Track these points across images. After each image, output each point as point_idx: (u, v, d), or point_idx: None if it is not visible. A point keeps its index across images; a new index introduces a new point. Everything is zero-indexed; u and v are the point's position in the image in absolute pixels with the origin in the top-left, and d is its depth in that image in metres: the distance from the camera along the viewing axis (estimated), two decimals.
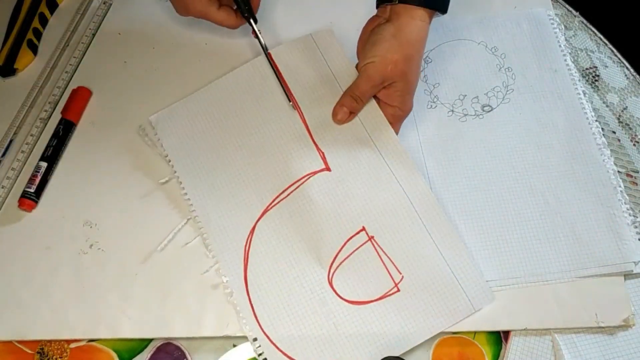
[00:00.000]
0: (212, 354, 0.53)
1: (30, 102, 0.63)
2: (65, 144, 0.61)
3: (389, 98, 0.58)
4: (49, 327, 0.53)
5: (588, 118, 0.62)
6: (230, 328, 0.53)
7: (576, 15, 0.70)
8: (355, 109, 0.58)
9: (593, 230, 0.57)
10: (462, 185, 0.59)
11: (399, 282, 0.54)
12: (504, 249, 0.56)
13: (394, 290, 0.53)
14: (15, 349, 0.53)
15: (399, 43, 0.55)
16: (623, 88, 0.66)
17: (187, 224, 0.57)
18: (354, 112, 0.59)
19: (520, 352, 0.53)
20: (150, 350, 0.53)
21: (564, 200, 0.58)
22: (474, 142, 0.61)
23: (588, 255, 0.56)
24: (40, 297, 0.54)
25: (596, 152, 0.60)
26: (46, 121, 0.63)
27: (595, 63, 0.67)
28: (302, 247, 0.55)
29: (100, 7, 0.69)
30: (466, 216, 0.57)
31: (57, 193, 0.59)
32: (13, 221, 0.58)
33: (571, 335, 0.54)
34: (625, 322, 0.53)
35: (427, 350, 0.53)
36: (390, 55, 0.55)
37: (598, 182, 0.59)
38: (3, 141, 0.61)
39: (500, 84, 0.64)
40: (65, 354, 0.53)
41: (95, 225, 0.58)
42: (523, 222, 0.57)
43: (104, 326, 0.53)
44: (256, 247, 0.55)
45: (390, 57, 0.55)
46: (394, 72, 0.55)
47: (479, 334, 0.54)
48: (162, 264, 0.56)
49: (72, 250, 0.56)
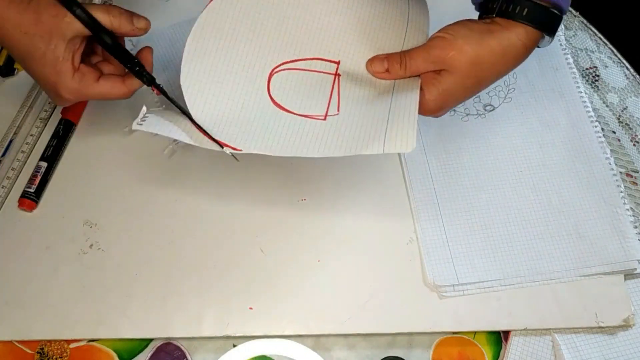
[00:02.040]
0: (212, 354, 0.53)
1: (30, 102, 0.63)
2: (65, 144, 0.61)
3: (427, 85, 0.50)
4: (49, 327, 0.53)
5: (591, 116, 0.62)
6: (230, 328, 0.53)
7: (576, 15, 0.70)
8: (394, 71, 0.51)
9: (596, 229, 0.57)
10: (465, 185, 0.59)
11: (329, 115, 0.52)
12: (507, 248, 0.56)
13: (320, 117, 0.51)
14: (15, 349, 0.53)
15: (480, 39, 0.48)
16: (623, 88, 0.66)
17: (188, 223, 0.57)
18: (391, 74, 0.52)
19: (520, 352, 0.53)
20: (150, 350, 0.53)
21: (567, 198, 0.58)
22: (477, 141, 0.61)
23: (592, 253, 0.56)
24: (40, 297, 0.54)
25: (598, 149, 0.60)
26: (46, 121, 0.63)
27: (595, 63, 0.67)
28: (266, 37, 0.53)
29: None
30: (469, 215, 0.57)
31: (57, 193, 0.59)
32: (13, 221, 0.58)
33: (571, 335, 0.54)
34: (625, 322, 0.53)
35: (426, 350, 0.53)
36: (463, 42, 0.48)
37: (601, 180, 0.59)
38: (3, 141, 0.61)
39: (501, 83, 0.64)
40: (65, 354, 0.53)
41: (95, 225, 0.58)
42: (526, 221, 0.57)
43: (104, 326, 0.53)
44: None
45: (461, 44, 0.48)
46: (453, 61, 0.48)
47: (479, 334, 0.54)
48: (162, 264, 0.56)
49: (72, 250, 0.56)
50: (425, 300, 0.55)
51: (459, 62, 0.48)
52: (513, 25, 0.49)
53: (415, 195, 0.59)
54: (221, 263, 0.56)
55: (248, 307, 0.54)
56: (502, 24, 0.49)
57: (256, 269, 0.56)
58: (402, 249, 0.57)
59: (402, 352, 0.53)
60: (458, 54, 0.48)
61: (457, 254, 0.56)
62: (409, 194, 0.59)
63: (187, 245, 0.57)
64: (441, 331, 0.54)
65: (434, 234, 0.57)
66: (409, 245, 0.57)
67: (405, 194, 0.59)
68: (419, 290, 0.55)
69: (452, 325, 0.54)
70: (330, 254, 0.56)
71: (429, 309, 0.54)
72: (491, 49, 0.48)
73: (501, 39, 0.48)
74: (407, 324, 0.54)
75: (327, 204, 0.58)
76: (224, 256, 0.56)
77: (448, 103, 0.51)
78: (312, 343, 0.54)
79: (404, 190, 0.59)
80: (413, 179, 0.59)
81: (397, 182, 0.60)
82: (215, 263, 0.56)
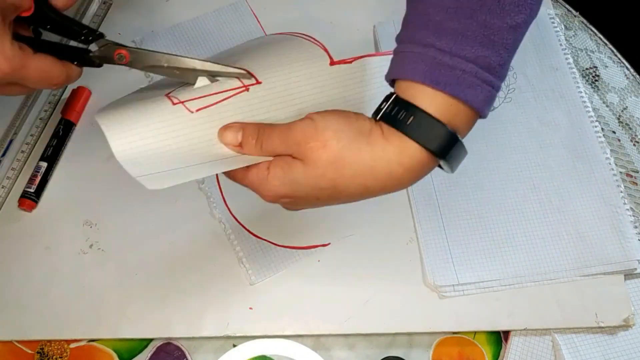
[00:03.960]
0: (212, 354, 0.53)
1: (30, 102, 0.63)
2: (65, 144, 0.61)
3: (276, 161, 0.41)
4: (49, 327, 0.53)
5: (591, 116, 0.62)
6: (230, 328, 0.53)
7: (576, 15, 0.70)
8: (248, 147, 0.42)
9: (596, 229, 0.57)
10: (465, 185, 0.59)
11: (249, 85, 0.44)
12: (507, 248, 0.56)
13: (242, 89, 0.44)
14: (15, 349, 0.53)
15: (353, 140, 0.39)
16: (623, 88, 0.66)
17: (188, 223, 0.57)
18: (243, 149, 0.42)
19: (520, 352, 0.53)
20: (150, 350, 0.53)
21: (566, 198, 0.58)
22: (477, 141, 0.61)
23: (592, 253, 0.56)
24: (40, 297, 0.54)
25: (598, 149, 0.60)
26: (46, 121, 0.63)
27: (595, 63, 0.67)
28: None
29: (100, 7, 0.69)
30: (469, 215, 0.57)
31: (57, 193, 0.59)
32: (13, 221, 0.58)
33: (571, 335, 0.54)
34: (625, 322, 0.53)
35: (427, 350, 0.53)
36: (331, 136, 0.39)
37: (601, 180, 0.59)
38: (3, 141, 0.61)
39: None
40: (65, 354, 0.53)
41: (95, 225, 0.58)
42: (526, 221, 0.57)
43: (104, 326, 0.53)
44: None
45: (328, 138, 0.39)
46: (311, 153, 0.39)
47: (479, 334, 0.54)
48: (162, 264, 0.56)
49: (72, 250, 0.56)
50: (425, 300, 0.55)
51: (318, 158, 0.39)
52: (393, 136, 0.39)
53: (415, 195, 0.59)
54: (221, 263, 0.56)
55: (248, 307, 0.54)
56: (384, 130, 0.39)
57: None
58: (402, 249, 0.57)
59: (402, 352, 0.53)
60: (319, 148, 0.39)
61: (457, 254, 0.56)
62: (409, 194, 0.59)
63: (187, 245, 0.57)
64: (441, 331, 0.54)
65: (434, 234, 0.57)
66: (409, 245, 0.57)
67: (405, 194, 0.59)
68: (419, 290, 0.55)
69: (452, 325, 0.54)
70: (330, 254, 0.56)
71: (429, 309, 0.54)
72: (360, 158, 0.39)
73: (374, 148, 0.39)
74: (407, 324, 0.54)
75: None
76: (224, 256, 0.56)
77: (295, 197, 0.41)
78: (312, 343, 0.54)
79: (404, 191, 0.59)
80: None
81: None
82: (215, 263, 0.56)
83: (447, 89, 0.38)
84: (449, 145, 0.39)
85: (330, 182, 0.39)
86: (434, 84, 0.38)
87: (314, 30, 0.64)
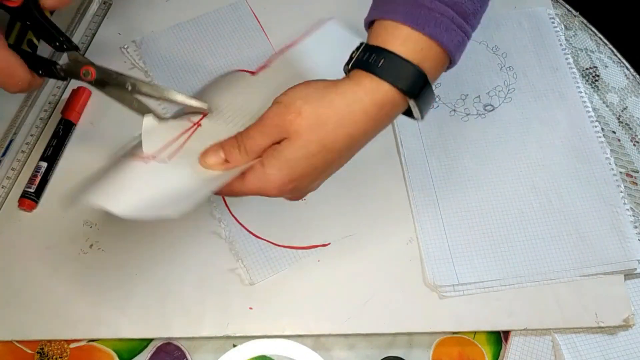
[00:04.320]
0: (212, 354, 0.53)
1: (30, 102, 0.63)
2: (65, 144, 0.61)
3: (266, 157, 0.41)
4: (49, 327, 0.53)
5: (591, 116, 0.62)
6: (230, 328, 0.53)
7: (576, 15, 0.70)
8: (234, 159, 0.42)
9: (596, 229, 0.57)
10: (465, 185, 0.59)
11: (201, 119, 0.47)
12: (507, 248, 0.56)
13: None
14: (15, 349, 0.53)
15: (321, 97, 0.40)
16: (623, 88, 0.66)
17: (188, 223, 0.57)
18: (231, 162, 0.42)
19: (520, 352, 0.53)
20: (150, 350, 0.53)
21: (567, 198, 0.58)
22: (477, 142, 0.61)
23: (592, 253, 0.56)
24: (40, 297, 0.54)
25: (598, 149, 0.60)
26: (46, 121, 0.63)
27: (595, 63, 0.67)
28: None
29: (100, 7, 0.69)
30: (469, 215, 0.57)
31: (57, 193, 0.59)
32: (13, 221, 0.58)
33: (571, 335, 0.54)
34: (625, 322, 0.53)
35: (427, 350, 0.53)
36: (301, 103, 0.40)
37: (601, 180, 0.59)
38: (3, 141, 0.61)
39: (501, 83, 0.64)
40: (65, 354, 0.53)
41: (95, 225, 0.58)
42: (526, 221, 0.57)
43: (104, 326, 0.53)
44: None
45: (300, 106, 0.40)
46: (291, 125, 0.40)
47: (479, 334, 0.54)
48: (162, 264, 0.56)
49: (72, 250, 0.56)
50: (425, 300, 0.55)
51: (298, 126, 0.40)
52: (365, 78, 0.40)
53: (415, 195, 0.59)
54: (221, 263, 0.56)
55: (248, 307, 0.54)
56: (353, 77, 0.41)
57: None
58: (402, 249, 0.57)
59: (402, 352, 0.53)
60: (296, 117, 0.40)
61: (457, 254, 0.56)
62: (409, 194, 0.59)
63: (187, 245, 0.57)
64: (441, 331, 0.54)
65: (434, 234, 0.57)
66: (409, 245, 0.57)
67: (405, 194, 0.59)
68: (419, 290, 0.55)
69: (452, 325, 0.54)
70: (330, 254, 0.56)
71: (429, 309, 0.54)
72: (334, 107, 0.40)
73: (345, 94, 0.40)
74: (407, 324, 0.54)
75: (327, 204, 0.58)
76: (223, 256, 0.56)
77: (297, 178, 0.41)
78: (312, 343, 0.54)
79: (404, 190, 0.59)
80: (413, 179, 0.59)
81: (397, 182, 0.60)
82: (215, 263, 0.56)
83: (426, 30, 0.40)
84: (418, 85, 0.41)
85: (318, 144, 0.40)
86: (413, 24, 0.40)
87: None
